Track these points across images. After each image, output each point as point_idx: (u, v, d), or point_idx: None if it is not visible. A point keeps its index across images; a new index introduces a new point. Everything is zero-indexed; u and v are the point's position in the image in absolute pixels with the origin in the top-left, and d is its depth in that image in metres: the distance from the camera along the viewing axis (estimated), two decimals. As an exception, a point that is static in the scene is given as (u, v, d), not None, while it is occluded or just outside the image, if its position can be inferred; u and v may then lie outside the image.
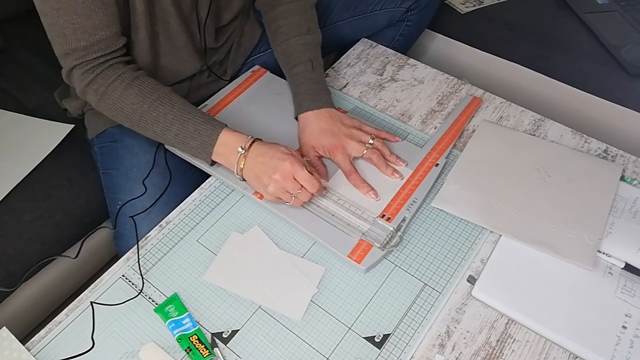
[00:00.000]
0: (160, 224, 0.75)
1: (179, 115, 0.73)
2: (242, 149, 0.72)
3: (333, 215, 0.73)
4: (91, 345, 0.63)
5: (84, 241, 0.85)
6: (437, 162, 0.80)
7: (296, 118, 0.84)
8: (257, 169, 0.72)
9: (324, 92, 0.84)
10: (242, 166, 0.73)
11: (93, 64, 0.72)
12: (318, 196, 0.75)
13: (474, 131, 0.86)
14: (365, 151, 0.78)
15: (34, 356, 0.61)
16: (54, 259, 0.92)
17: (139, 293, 0.67)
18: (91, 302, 0.66)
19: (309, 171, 0.70)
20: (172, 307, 0.65)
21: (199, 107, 0.86)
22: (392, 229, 0.72)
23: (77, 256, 0.83)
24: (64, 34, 0.69)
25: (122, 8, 0.73)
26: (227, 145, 0.73)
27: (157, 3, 0.78)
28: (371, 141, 0.79)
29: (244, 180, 0.75)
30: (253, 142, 0.73)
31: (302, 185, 0.70)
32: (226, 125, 0.74)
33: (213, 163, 0.77)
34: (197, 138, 0.73)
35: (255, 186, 0.74)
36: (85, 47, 0.70)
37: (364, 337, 0.64)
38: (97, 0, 0.68)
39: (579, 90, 1.12)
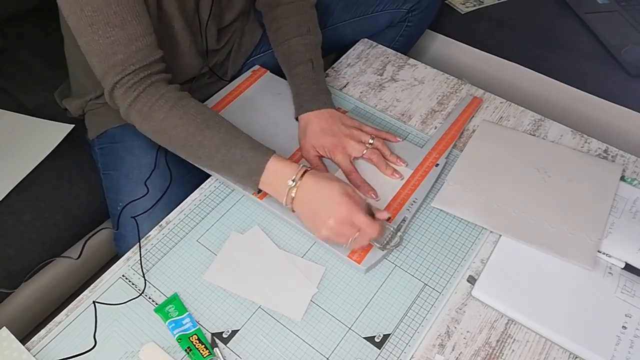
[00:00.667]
0: (160, 224, 0.75)
1: (225, 140, 0.70)
2: (293, 181, 0.68)
3: (333, 215, 0.73)
4: (93, 344, 0.63)
5: (86, 242, 0.85)
6: (437, 162, 0.80)
7: (296, 118, 0.84)
8: (310, 210, 0.67)
9: (325, 93, 0.84)
10: (293, 196, 0.68)
11: (134, 80, 0.70)
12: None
13: (474, 131, 0.86)
14: (365, 151, 0.78)
15: (34, 356, 0.61)
16: (51, 254, 0.91)
17: (140, 294, 0.67)
18: (94, 302, 0.66)
19: (368, 212, 0.66)
20: (172, 307, 0.65)
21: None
22: (392, 229, 0.72)
23: (79, 257, 0.83)
24: (101, 51, 0.68)
25: None
26: (276, 175, 0.69)
27: (164, 8, 0.77)
28: (371, 141, 0.79)
29: (294, 211, 0.70)
30: (304, 173, 0.68)
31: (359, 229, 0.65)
32: (274, 152, 0.70)
33: (259, 191, 0.74)
34: (244, 166, 0.70)
35: (307, 225, 0.70)
36: (123, 60, 0.69)
37: (364, 337, 0.64)
38: (130, 10, 0.68)
39: (579, 90, 1.12)
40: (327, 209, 0.65)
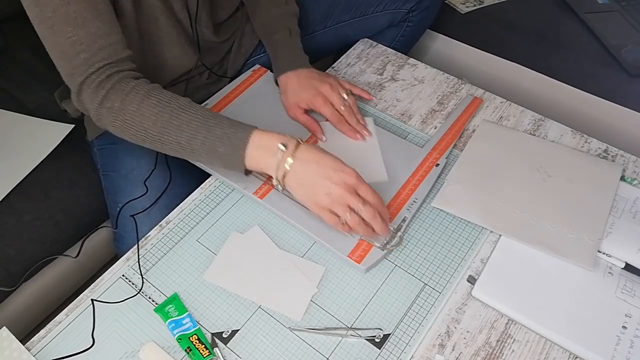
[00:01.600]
0: (160, 224, 0.75)
1: (203, 121, 0.68)
2: (284, 146, 0.65)
3: (333, 215, 0.73)
4: (91, 343, 0.63)
5: (84, 240, 0.85)
6: (438, 162, 0.80)
7: (276, 82, 0.88)
8: (312, 177, 0.65)
9: (301, 55, 0.87)
10: (287, 168, 0.65)
11: (100, 78, 0.67)
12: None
13: (474, 131, 0.86)
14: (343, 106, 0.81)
15: (34, 356, 0.61)
16: (55, 258, 0.92)
17: (138, 292, 0.67)
18: (92, 300, 0.66)
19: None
20: (172, 307, 0.65)
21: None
22: (392, 229, 0.72)
23: (77, 255, 0.83)
24: (64, 52, 0.66)
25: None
26: (262, 147, 0.67)
27: (143, 0, 0.76)
28: (345, 96, 0.82)
29: (284, 189, 0.68)
30: (298, 142, 0.67)
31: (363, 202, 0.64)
32: (257, 127, 0.69)
33: (248, 173, 0.72)
34: (227, 142, 0.67)
35: (303, 195, 0.66)
36: (86, 59, 0.67)
37: (364, 337, 0.64)
38: (90, 8, 0.66)
39: (579, 90, 1.12)
40: (337, 175, 0.63)
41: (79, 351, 0.62)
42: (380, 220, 0.66)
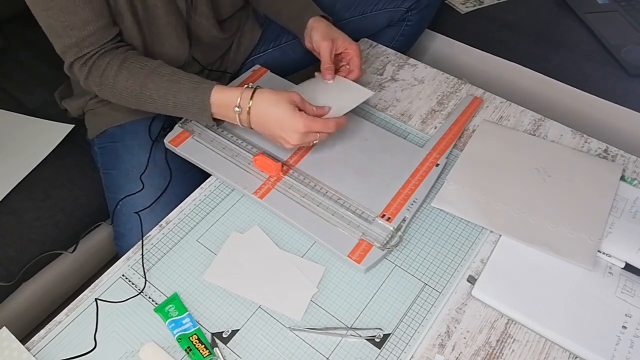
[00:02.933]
0: (160, 223, 0.75)
1: (169, 87, 0.75)
2: (238, 108, 0.73)
3: (333, 215, 0.73)
4: (93, 345, 0.63)
5: (81, 237, 0.85)
6: (438, 162, 0.80)
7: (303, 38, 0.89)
8: (269, 132, 0.74)
9: (322, 12, 0.90)
10: (246, 122, 0.75)
11: (86, 57, 0.75)
12: (318, 195, 0.75)
13: (474, 131, 0.86)
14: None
15: (34, 356, 0.61)
16: (52, 254, 0.91)
17: (140, 293, 0.67)
18: (96, 299, 0.66)
19: (315, 114, 0.75)
20: (172, 306, 0.66)
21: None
22: (392, 228, 0.72)
23: (74, 250, 0.83)
24: (57, 33, 0.73)
25: None
26: (221, 107, 0.75)
27: None
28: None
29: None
30: (251, 97, 0.73)
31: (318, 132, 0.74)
32: (216, 84, 0.75)
33: (222, 122, 0.79)
34: (193, 105, 0.75)
35: (273, 142, 0.77)
36: (77, 42, 0.73)
37: (364, 337, 0.64)
38: None
39: (579, 90, 1.12)
40: (284, 127, 0.72)
41: (81, 353, 0.62)
42: (333, 124, 0.75)
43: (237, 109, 0.73)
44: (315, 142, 0.75)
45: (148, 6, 0.79)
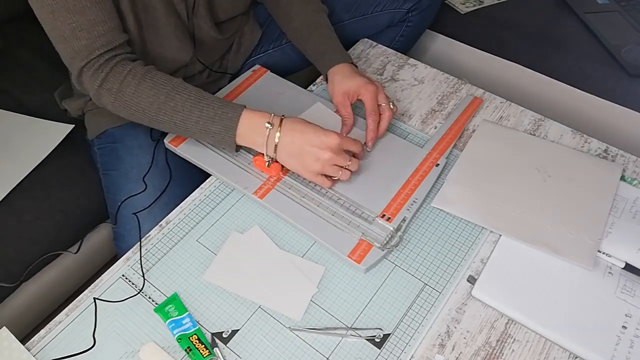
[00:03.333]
0: (160, 223, 0.75)
1: (196, 102, 0.72)
2: (270, 124, 0.71)
3: (333, 215, 0.73)
4: (92, 343, 0.63)
5: (84, 237, 0.85)
6: (438, 162, 0.80)
7: (325, 77, 0.88)
8: (299, 146, 0.71)
9: (347, 53, 0.89)
10: (276, 142, 0.72)
11: (100, 62, 0.71)
12: (318, 195, 0.75)
13: (474, 131, 0.86)
14: (386, 105, 0.82)
15: (34, 356, 0.61)
16: (57, 254, 0.91)
17: (139, 292, 0.67)
18: (94, 298, 0.66)
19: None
20: (172, 307, 0.65)
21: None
22: (392, 229, 0.72)
23: (77, 251, 0.83)
24: (65, 37, 0.70)
25: None
26: (251, 126, 0.72)
27: None
28: (391, 105, 0.83)
29: (274, 161, 0.74)
30: (282, 118, 0.72)
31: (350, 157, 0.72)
32: (245, 106, 0.74)
33: (238, 149, 0.76)
34: (218, 122, 0.72)
35: (295, 164, 0.73)
36: (87, 45, 0.70)
37: (364, 337, 0.64)
38: None
39: (579, 90, 1.12)
40: (319, 140, 0.70)
41: (80, 351, 0.62)
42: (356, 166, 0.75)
43: (268, 124, 0.71)
44: (339, 175, 0.73)
45: (148, 8, 0.79)
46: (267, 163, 0.75)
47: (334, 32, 0.91)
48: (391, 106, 0.82)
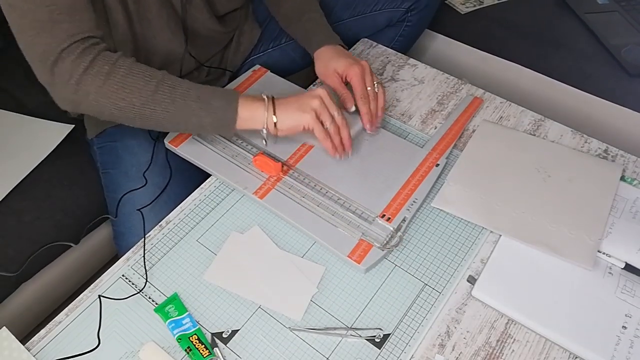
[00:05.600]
0: (160, 223, 0.75)
1: (191, 84, 0.71)
2: (266, 97, 0.73)
3: (333, 215, 0.73)
4: (94, 344, 0.63)
5: (86, 229, 0.85)
6: (438, 162, 0.80)
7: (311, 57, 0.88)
8: (294, 102, 0.73)
9: (336, 35, 0.89)
10: (272, 108, 0.72)
11: (85, 45, 0.66)
12: (318, 195, 0.75)
13: (474, 131, 0.86)
14: (371, 89, 0.82)
15: (34, 356, 0.61)
16: (54, 251, 0.91)
17: (139, 291, 0.67)
18: (99, 296, 0.66)
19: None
20: (172, 307, 0.66)
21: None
22: (392, 229, 0.72)
23: (78, 242, 0.83)
24: (39, 21, 0.64)
25: None
26: (249, 97, 0.73)
27: None
28: (376, 83, 0.82)
29: (270, 134, 0.74)
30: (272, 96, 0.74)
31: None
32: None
33: (232, 134, 0.76)
34: (219, 96, 0.72)
35: (293, 121, 0.73)
36: (68, 28, 0.65)
37: (364, 337, 0.64)
38: None
39: (579, 90, 1.12)
40: (309, 94, 0.74)
41: (84, 351, 0.62)
42: (346, 132, 0.76)
43: (264, 96, 0.73)
44: (330, 126, 0.74)
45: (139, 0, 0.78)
46: (265, 133, 0.74)
47: (323, 17, 0.90)
48: (376, 89, 0.82)
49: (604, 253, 0.70)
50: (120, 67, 0.67)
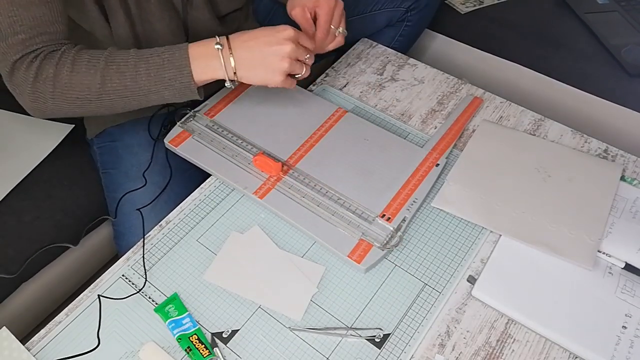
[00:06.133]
0: (160, 223, 0.75)
1: (139, 56, 0.68)
2: (219, 44, 0.68)
3: (333, 215, 0.73)
4: (94, 344, 0.63)
5: (85, 230, 0.84)
6: (438, 162, 0.80)
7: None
8: (259, 53, 0.68)
9: None
10: (232, 64, 0.68)
11: (34, 54, 0.66)
12: (318, 195, 0.75)
13: (474, 131, 0.86)
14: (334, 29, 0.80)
15: (34, 356, 0.61)
16: (54, 251, 0.91)
17: (139, 291, 0.67)
18: (99, 295, 0.66)
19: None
20: (172, 306, 0.66)
21: (198, 107, 0.87)
22: (392, 228, 0.72)
23: (78, 243, 0.83)
24: (1, 31, 0.64)
25: None
26: (201, 55, 0.68)
27: None
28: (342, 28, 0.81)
29: (237, 82, 0.70)
30: (227, 36, 0.69)
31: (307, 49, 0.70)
32: (187, 43, 0.70)
33: (200, 94, 0.72)
34: (169, 66, 0.68)
35: (261, 76, 0.69)
36: (24, 40, 0.65)
37: (364, 337, 0.64)
38: None
39: (579, 90, 1.12)
40: (275, 41, 0.67)
41: (84, 351, 0.62)
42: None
43: (218, 45, 0.68)
44: (303, 71, 0.70)
45: (141, 1, 0.78)
46: (230, 84, 0.71)
47: None
48: (337, 33, 0.80)
49: (604, 253, 0.70)
50: (63, 66, 0.67)
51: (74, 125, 0.98)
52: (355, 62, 0.99)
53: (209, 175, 0.80)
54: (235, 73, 0.69)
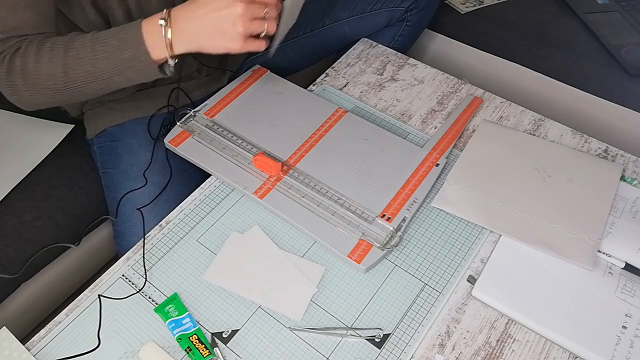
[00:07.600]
0: (160, 223, 0.75)
1: (95, 40, 0.67)
2: (163, 19, 0.64)
3: (333, 215, 0.73)
4: (94, 344, 0.63)
5: (86, 231, 0.84)
6: (438, 162, 0.80)
7: None
8: (205, 22, 0.64)
9: None
10: (170, 37, 0.64)
11: (11, 50, 0.66)
12: (318, 195, 0.75)
13: (474, 131, 0.86)
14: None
15: (34, 356, 0.61)
16: (54, 251, 0.91)
17: (139, 291, 0.67)
18: (99, 295, 0.66)
19: None
20: (172, 306, 0.66)
21: (198, 107, 0.87)
22: (392, 228, 0.72)
23: (78, 244, 0.82)
24: None
25: None
26: (153, 33, 0.65)
27: None
28: None
29: (176, 56, 0.66)
30: (170, 10, 0.66)
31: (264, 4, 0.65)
32: (141, 20, 0.67)
33: (164, 71, 0.69)
34: (124, 46, 0.65)
35: (217, 44, 0.65)
36: (3, 39, 0.65)
37: (364, 337, 0.64)
38: None
39: (579, 90, 1.12)
40: (224, 5, 0.63)
41: (84, 352, 0.62)
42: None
43: (162, 21, 0.64)
44: (266, 27, 0.65)
45: (142, 1, 0.78)
46: (172, 62, 0.67)
47: None
48: None
49: (604, 253, 0.70)
50: (29, 57, 0.66)
51: (74, 125, 0.98)
52: (355, 62, 0.99)
53: (209, 175, 0.80)
54: (172, 49, 0.65)
